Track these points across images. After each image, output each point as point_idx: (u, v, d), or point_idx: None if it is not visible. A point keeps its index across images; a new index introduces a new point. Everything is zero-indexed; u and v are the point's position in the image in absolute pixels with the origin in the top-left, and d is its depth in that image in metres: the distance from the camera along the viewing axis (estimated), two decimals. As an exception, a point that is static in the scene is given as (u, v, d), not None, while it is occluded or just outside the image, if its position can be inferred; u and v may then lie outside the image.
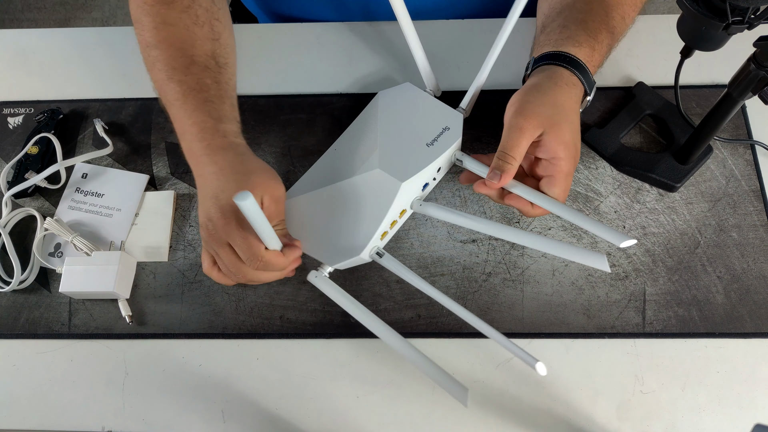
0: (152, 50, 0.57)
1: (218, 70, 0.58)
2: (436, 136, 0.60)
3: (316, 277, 0.57)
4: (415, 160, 0.58)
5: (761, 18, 0.45)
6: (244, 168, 0.53)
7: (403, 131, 0.61)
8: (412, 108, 0.63)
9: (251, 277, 0.53)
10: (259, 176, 0.52)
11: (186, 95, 0.55)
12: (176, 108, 0.55)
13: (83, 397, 0.57)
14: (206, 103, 0.55)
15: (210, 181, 0.52)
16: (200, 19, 0.59)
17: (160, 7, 0.58)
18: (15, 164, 0.66)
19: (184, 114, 0.55)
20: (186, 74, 0.56)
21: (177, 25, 0.57)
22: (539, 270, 0.60)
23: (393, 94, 0.64)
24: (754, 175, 0.63)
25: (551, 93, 0.54)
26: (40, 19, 1.85)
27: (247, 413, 0.56)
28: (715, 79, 0.69)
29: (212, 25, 0.60)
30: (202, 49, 0.58)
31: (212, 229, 0.51)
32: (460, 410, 0.56)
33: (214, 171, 0.52)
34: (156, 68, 0.57)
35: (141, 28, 0.58)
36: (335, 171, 0.60)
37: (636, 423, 0.54)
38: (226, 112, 0.56)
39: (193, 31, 0.58)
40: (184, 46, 0.57)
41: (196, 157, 0.54)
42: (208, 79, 0.56)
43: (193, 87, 0.55)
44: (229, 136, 0.55)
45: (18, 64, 0.74)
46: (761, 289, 0.59)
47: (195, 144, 0.54)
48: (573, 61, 0.55)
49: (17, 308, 0.61)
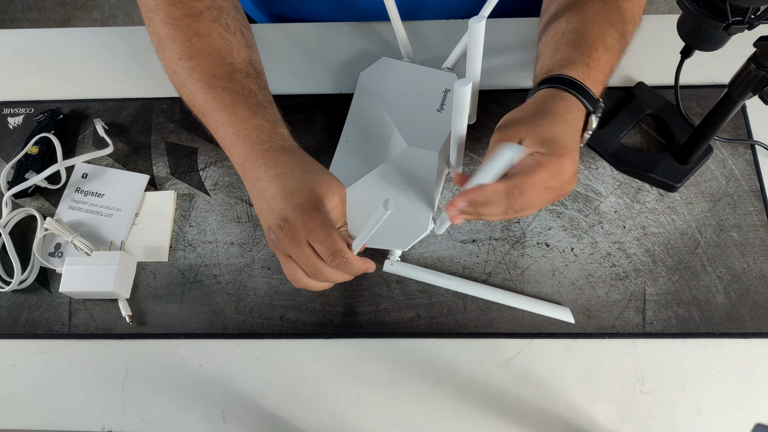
0: (188, 62, 0.56)
1: (258, 76, 0.58)
2: (442, 100, 0.61)
3: (392, 264, 0.59)
4: (436, 127, 0.59)
5: (761, 18, 0.45)
6: (311, 168, 0.52)
7: (408, 104, 0.62)
8: (402, 80, 0.64)
9: (329, 276, 0.51)
10: (327, 176, 0.52)
11: (236, 101, 0.54)
12: (225, 114, 0.54)
13: (83, 397, 0.57)
14: (259, 108, 0.55)
15: (278, 183, 0.51)
16: (231, 27, 0.58)
17: (191, 20, 0.57)
18: (15, 164, 0.66)
19: (237, 120, 0.54)
20: (230, 81, 0.55)
21: (211, 35, 0.57)
22: (539, 270, 0.60)
23: (375, 71, 0.65)
24: (754, 175, 0.63)
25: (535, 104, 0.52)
26: (40, 19, 1.85)
27: (247, 413, 0.56)
28: (715, 79, 0.69)
29: (243, 33, 0.59)
30: (239, 57, 0.57)
31: (289, 230, 0.50)
32: (460, 410, 0.56)
33: (282, 172, 0.52)
34: (194, 79, 0.56)
35: (172, 43, 0.57)
36: (361, 161, 0.60)
37: (636, 423, 0.54)
38: (278, 116, 0.56)
39: (228, 40, 0.57)
40: (222, 54, 0.56)
41: (256, 161, 0.53)
42: (253, 84, 0.56)
43: (241, 93, 0.55)
44: (287, 139, 0.55)
45: (18, 64, 0.74)
46: (761, 289, 0.59)
47: (255, 147, 0.53)
48: (563, 80, 0.53)
49: (17, 308, 0.61)
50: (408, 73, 0.64)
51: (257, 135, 0.53)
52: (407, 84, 0.63)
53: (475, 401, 0.56)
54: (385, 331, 0.59)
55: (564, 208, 0.63)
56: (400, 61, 0.66)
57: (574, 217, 0.62)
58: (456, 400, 0.56)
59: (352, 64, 0.72)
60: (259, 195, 0.52)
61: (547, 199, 0.50)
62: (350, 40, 0.74)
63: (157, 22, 0.58)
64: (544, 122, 0.50)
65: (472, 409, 0.56)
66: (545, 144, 0.48)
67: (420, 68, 0.65)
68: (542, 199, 0.49)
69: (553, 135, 0.49)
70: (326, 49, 0.73)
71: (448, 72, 0.64)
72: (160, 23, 0.57)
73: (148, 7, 0.58)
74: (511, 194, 0.48)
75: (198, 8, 0.57)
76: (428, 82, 0.63)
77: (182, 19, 0.57)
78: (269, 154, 0.53)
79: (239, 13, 0.61)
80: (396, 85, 0.64)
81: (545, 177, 0.48)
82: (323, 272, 0.50)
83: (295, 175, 0.51)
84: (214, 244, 0.63)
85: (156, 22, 0.58)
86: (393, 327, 0.59)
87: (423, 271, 0.59)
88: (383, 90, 0.63)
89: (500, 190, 0.48)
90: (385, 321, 0.59)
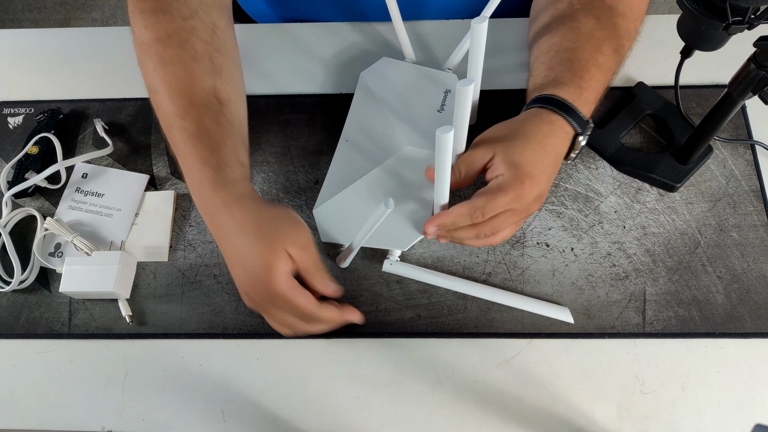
0: (154, 95, 0.54)
1: (219, 109, 0.53)
2: (442, 101, 0.61)
3: (391, 264, 0.59)
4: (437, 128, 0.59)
5: (761, 18, 0.45)
6: (262, 220, 0.49)
7: (409, 104, 0.62)
8: (402, 80, 0.64)
9: (308, 330, 0.52)
10: (281, 226, 0.49)
11: (186, 143, 0.51)
12: (180, 158, 0.53)
13: (83, 397, 0.57)
14: (207, 151, 0.51)
15: (231, 242, 0.50)
16: (198, 53, 0.54)
17: (157, 46, 0.54)
18: (15, 164, 0.66)
19: (185, 166, 0.52)
20: (185, 118, 0.52)
21: (174, 64, 0.53)
22: (539, 270, 0.60)
23: (376, 71, 0.65)
24: (754, 175, 0.63)
25: (518, 124, 0.54)
26: (40, 19, 1.85)
27: (247, 413, 0.56)
28: (715, 79, 0.69)
29: (212, 58, 0.55)
30: (201, 87, 0.53)
31: (251, 301, 0.50)
32: (460, 410, 0.56)
33: (231, 227, 0.49)
34: (160, 116, 0.54)
35: (144, 71, 0.55)
36: (361, 161, 0.60)
37: (636, 423, 0.54)
38: (227, 157, 0.52)
39: (191, 68, 0.53)
40: (182, 86, 0.53)
41: (208, 213, 0.51)
42: (207, 120, 0.52)
43: (193, 133, 0.52)
44: (236, 184, 0.51)
45: (18, 64, 0.74)
46: (761, 289, 0.59)
47: (204, 198, 0.51)
48: (555, 101, 0.54)
49: (17, 308, 0.61)
50: (409, 74, 0.64)
51: (202, 185, 0.51)
52: (408, 84, 0.64)
53: (475, 401, 0.56)
54: (385, 331, 0.59)
55: (564, 208, 0.63)
56: (401, 62, 0.66)
57: (574, 217, 0.62)
58: (456, 400, 0.56)
59: (352, 64, 0.72)
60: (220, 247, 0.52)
61: (513, 221, 0.52)
62: (351, 40, 0.74)
63: (136, 48, 0.56)
64: (517, 144, 0.52)
65: (472, 409, 0.56)
66: (511, 167, 0.50)
67: (421, 68, 0.65)
68: (508, 221, 0.52)
69: (522, 159, 0.51)
70: (326, 49, 0.73)
71: (449, 72, 0.64)
72: (137, 49, 0.56)
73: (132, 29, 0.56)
74: (475, 216, 0.51)
75: (166, 31, 0.54)
76: (429, 82, 0.63)
77: (150, 45, 0.54)
78: (218, 207, 0.50)
79: (215, 36, 0.57)
80: (397, 86, 0.64)
81: (506, 200, 0.50)
82: (301, 329, 0.51)
83: (245, 233, 0.49)
84: (214, 244, 0.63)
85: (135, 48, 0.56)
86: (393, 327, 0.59)
87: (422, 271, 0.59)
88: (384, 90, 0.63)
89: (463, 212, 0.51)
90: (385, 321, 0.59)
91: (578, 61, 0.56)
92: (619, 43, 0.58)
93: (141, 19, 0.55)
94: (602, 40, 0.57)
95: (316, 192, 0.63)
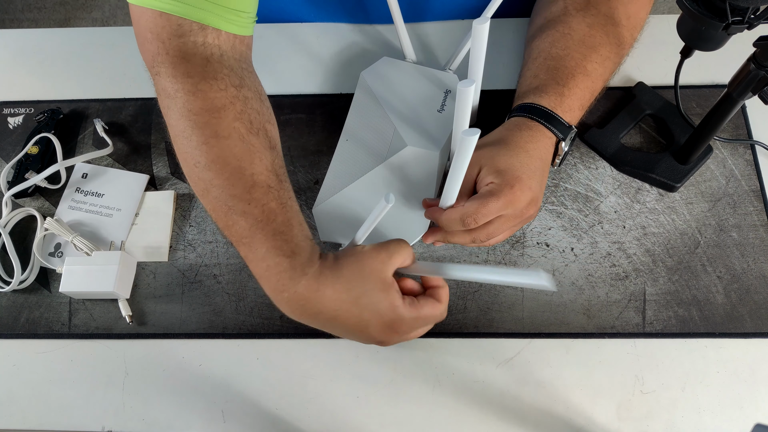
0: (204, 172, 0.49)
1: (280, 187, 0.50)
2: (443, 101, 0.61)
3: None
4: (437, 128, 0.59)
5: (761, 18, 0.45)
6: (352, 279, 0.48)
7: (409, 104, 0.62)
8: (403, 80, 0.64)
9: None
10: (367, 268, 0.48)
11: (253, 230, 0.48)
12: (246, 249, 0.49)
13: (83, 397, 0.57)
14: (278, 239, 0.48)
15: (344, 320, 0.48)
16: (254, 125, 0.51)
17: (210, 117, 0.49)
18: (15, 164, 0.66)
19: (252, 252, 0.49)
20: (249, 202, 0.48)
21: (231, 137, 0.49)
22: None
23: (376, 71, 0.65)
24: (754, 175, 0.63)
25: (500, 133, 0.55)
26: (40, 19, 1.85)
27: (247, 413, 0.56)
28: (715, 79, 0.69)
29: (267, 131, 0.52)
30: (261, 165, 0.50)
31: (395, 341, 0.50)
32: (460, 410, 0.56)
33: (334, 309, 0.48)
34: (211, 195, 0.49)
35: (188, 143, 0.50)
36: (361, 161, 0.60)
37: (636, 423, 0.54)
38: (297, 238, 0.49)
39: (249, 143, 0.50)
40: (241, 164, 0.49)
41: (293, 304, 0.48)
42: (273, 203, 0.49)
43: (260, 219, 0.48)
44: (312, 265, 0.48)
45: (18, 64, 0.74)
46: (761, 289, 0.59)
47: (283, 288, 0.48)
48: (534, 109, 0.55)
49: (17, 308, 0.61)
50: (409, 73, 0.64)
51: (277, 279, 0.48)
52: (408, 84, 0.64)
53: (475, 401, 0.56)
54: (385, 331, 0.59)
55: (564, 208, 0.63)
56: (401, 61, 0.66)
57: (574, 217, 0.62)
58: (456, 400, 0.56)
59: (352, 64, 0.72)
60: (332, 330, 0.51)
61: (507, 226, 0.53)
62: (351, 40, 0.74)
63: (174, 114, 0.50)
64: (501, 152, 0.52)
65: (472, 409, 0.56)
66: (499, 174, 0.51)
67: (421, 68, 0.65)
68: (503, 228, 0.52)
69: (508, 165, 0.51)
70: (326, 49, 0.73)
71: (449, 72, 0.65)
72: (177, 116, 0.50)
73: (166, 92, 0.51)
74: (467, 223, 0.51)
75: (221, 101, 0.50)
76: (429, 82, 0.63)
77: (201, 114, 0.49)
78: (305, 307, 0.48)
79: (263, 105, 0.53)
80: (397, 85, 0.64)
81: (497, 206, 0.50)
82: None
83: (357, 307, 0.48)
84: (214, 244, 0.63)
85: (173, 113, 0.50)
86: (393, 327, 0.59)
87: None
88: (384, 90, 0.63)
89: (455, 217, 0.51)
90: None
91: (564, 69, 0.57)
92: (611, 50, 0.59)
93: (190, 84, 0.50)
94: (593, 48, 0.58)
95: (316, 192, 0.63)
